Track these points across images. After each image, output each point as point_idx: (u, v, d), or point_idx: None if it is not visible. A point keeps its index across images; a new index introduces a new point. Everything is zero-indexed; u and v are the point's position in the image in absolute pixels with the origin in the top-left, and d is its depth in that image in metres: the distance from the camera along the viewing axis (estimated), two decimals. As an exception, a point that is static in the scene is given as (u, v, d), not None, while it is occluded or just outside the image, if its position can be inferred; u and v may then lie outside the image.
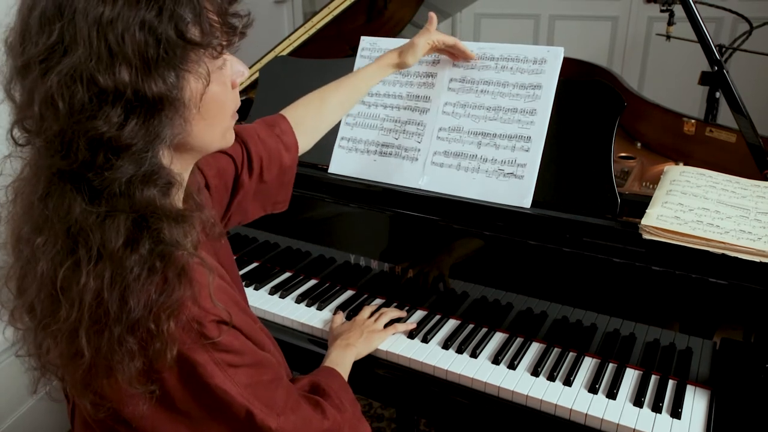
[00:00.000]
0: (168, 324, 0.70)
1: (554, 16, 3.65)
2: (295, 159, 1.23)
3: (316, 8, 3.43)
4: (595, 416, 1.15)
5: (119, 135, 0.66)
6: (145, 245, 0.69)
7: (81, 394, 0.74)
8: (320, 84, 1.31)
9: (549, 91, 1.31)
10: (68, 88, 0.65)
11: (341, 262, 1.54)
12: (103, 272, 0.68)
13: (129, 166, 0.68)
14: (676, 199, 1.22)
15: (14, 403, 1.96)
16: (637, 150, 1.74)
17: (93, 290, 0.68)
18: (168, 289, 0.70)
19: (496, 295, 1.36)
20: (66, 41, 0.65)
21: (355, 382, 1.18)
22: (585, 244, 1.23)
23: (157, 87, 0.67)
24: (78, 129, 0.66)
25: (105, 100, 0.65)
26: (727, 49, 2.20)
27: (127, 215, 0.69)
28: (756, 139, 1.37)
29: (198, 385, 0.77)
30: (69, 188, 0.69)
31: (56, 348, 0.71)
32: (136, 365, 0.70)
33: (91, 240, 0.68)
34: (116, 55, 0.65)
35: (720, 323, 1.16)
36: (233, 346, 0.79)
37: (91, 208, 0.68)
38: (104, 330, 0.68)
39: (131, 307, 0.68)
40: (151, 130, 0.68)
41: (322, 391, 1.02)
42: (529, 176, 1.29)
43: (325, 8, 1.81)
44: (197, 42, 0.70)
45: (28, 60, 0.66)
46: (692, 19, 1.41)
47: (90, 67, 0.64)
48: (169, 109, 0.69)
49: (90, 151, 0.67)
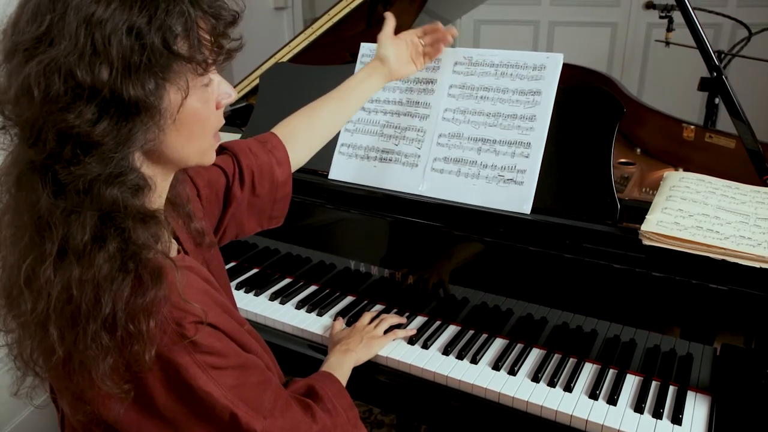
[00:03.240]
0: (146, 324, 0.70)
1: (554, 22, 3.66)
2: (289, 174, 1.22)
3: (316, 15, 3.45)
4: (595, 422, 1.14)
5: (90, 132, 0.67)
6: (113, 243, 0.69)
7: (60, 393, 0.74)
8: (320, 90, 1.32)
9: (548, 97, 1.31)
10: (45, 78, 0.66)
11: (341, 268, 1.54)
12: (70, 268, 0.68)
13: (95, 165, 0.68)
14: (676, 205, 1.22)
15: (14, 410, 1.96)
16: (637, 156, 1.74)
17: (60, 285, 0.67)
18: (143, 290, 0.70)
19: (497, 301, 1.36)
20: (53, 33, 0.66)
21: (355, 388, 1.18)
22: (585, 250, 1.23)
23: (134, 91, 0.68)
24: (49, 119, 0.66)
25: (80, 96, 0.66)
26: (726, 55, 2.21)
27: (93, 212, 0.69)
28: (755, 145, 1.37)
29: (181, 388, 0.76)
30: (38, 179, 0.69)
31: (32, 342, 0.70)
32: (110, 363, 0.70)
33: (55, 234, 0.67)
34: (99, 54, 0.66)
35: (720, 329, 1.16)
36: (215, 347, 0.79)
37: (56, 202, 0.68)
38: (77, 326, 0.68)
39: (103, 305, 0.68)
40: (123, 133, 0.69)
41: (316, 395, 1.01)
42: (529, 182, 1.29)
43: (325, 15, 1.82)
44: (182, 55, 0.71)
45: (14, 46, 0.68)
46: (691, 26, 1.41)
47: (71, 61, 0.65)
48: (145, 115, 0.70)
49: (58, 143, 0.67)
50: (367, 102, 1.50)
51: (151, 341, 0.71)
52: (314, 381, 1.06)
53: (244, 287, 1.57)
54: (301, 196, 1.34)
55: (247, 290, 1.56)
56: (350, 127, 1.51)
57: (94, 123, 0.67)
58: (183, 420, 0.79)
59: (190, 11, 0.71)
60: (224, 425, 0.81)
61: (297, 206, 1.30)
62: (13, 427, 1.95)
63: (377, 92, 1.49)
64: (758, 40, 2.27)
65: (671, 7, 2.12)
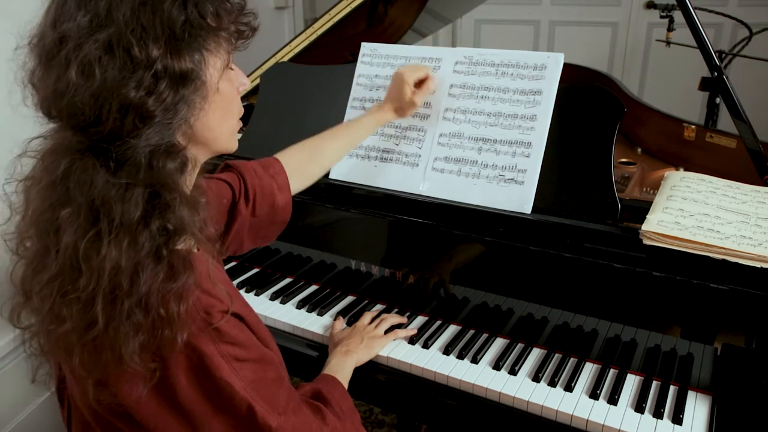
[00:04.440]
0: (177, 308, 0.73)
1: (554, 22, 3.66)
2: (289, 200, 1.25)
3: (316, 14, 3.45)
4: (596, 422, 1.14)
5: (146, 101, 0.72)
6: (156, 222, 0.74)
7: (87, 372, 0.75)
8: (321, 90, 1.32)
9: (549, 96, 1.31)
10: (105, 55, 0.71)
11: (342, 268, 1.54)
12: (122, 243, 0.72)
13: (154, 136, 0.74)
14: (677, 205, 1.22)
15: (17, 408, 1.96)
16: (638, 155, 1.74)
17: (112, 260, 0.71)
18: (175, 275, 0.74)
19: (497, 301, 1.36)
20: (102, 16, 0.72)
21: (355, 387, 1.18)
22: (586, 249, 1.23)
23: (183, 63, 0.74)
24: (110, 95, 0.71)
25: (136, 69, 0.71)
26: (726, 54, 2.21)
27: (144, 189, 0.74)
28: (756, 145, 1.37)
29: (203, 377, 0.78)
30: (92, 163, 0.73)
31: (71, 319, 0.73)
32: (140, 340, 0.73)
33: (113, 212, 0.72)
34: (149, 30, 0.72)
35: (721, 329, 1.16)
36: (239, 338, 0.81)
37: (114, 180, 0.73)
38: (117, 301, 0.72)
39: (141, 284, 0.72)
40: (175, 101, 0.75)
41: (324, 398, 1.02)
42: (530, 182, 1.29)
43: (325, 14, 1.82)
44: (216, 27, 0.78)
45: (64, 34, 0.72)
46: (692, 25, 1.41)
47: (125, 38, 0.71)
48: (192, 85, 0.76)
49: (120, 116, 0.72)
50: (368, 102, 1.50)
51: (181, 326, 0.74)
52: (320, 385, 1.07)
53: (244, 287, 1.57)
54: (301, 195, 1.34)
55: (248, 290, 1.56)
56: (351, 126, 1.51)
57: (149, 93, 0.72)
58: (200, 411, 0.80)
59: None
60: (240, 419, 0.82)
61: (298, 206, 1.30)
62: (13, 427, 1.95)
63: (377, 92, 1.50)
64: (759, 39, 2.27)
65: (672, 6, 2.12)
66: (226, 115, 0.86)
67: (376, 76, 1.51)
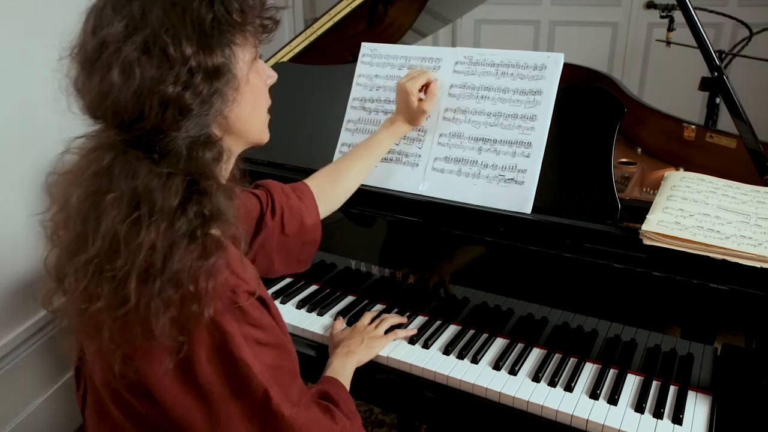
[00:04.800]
0: (206, 285, 0.77)
1: (554, 22, 3.65)
2: (317, 221, 1.28)
3: (316, 14, 3.45)
4: (596, 422, 1.14)
5: (183, 95, 0.77)
6: (193, 207, 0.79)
7: (116, 345, 0.78)
8: (321, 90, 1.32)
9: (549, 96, 1.31)
10: (144, 55, 0.76)
11: (342, 268, 1.54)
12: (160, 227, 0.76)
13: (193, 128, 0.79)
14: (677, 205, 1.22)
15: (17, 407, 1.96)
16: (638, 155, 1.74)
17: (150, 242, 0.76)
18: (206, 255, 0.78)
19: (497, 301, 1.36)
20: (137, 19, 0.77)
21: (356, 387, 1.18)
22: (586, 249, 1.23)
23: (215, 58, 0.80)
24: (150, 91, 0.76)
25: (172, 66, 0.77)
26: (726, 54, 2.21)
27: (183, 177, 0.79)
28: (756, 145, 1.37)
29: (224, 357, 0.81)
30: (135, 155, 0.78)
31: (104, 297, 0.77)
32: (171, 315, 0.77)
33: (154, 198, 0.77)
34: (180, 30, 0.77)
35: (721, 329, 1.16)
36: (261, 321, 0.85)
37: (157, 169, 0.78)
38: (150, 278, 0.76)
39: (173, 261, 0.76)
40: (208, 95, 0.80)
41: (332, 399, 1.04)
42: (530, 182, 1.29)
43: (325, 14, 1.82)
44: (243, 23, 0.83)
45: (103, 39, 0.77)
46: (692, 25, 1.41)
47: (160, 38, 0.76)
48: (223, 80, 0.81)
49: (161, 111, 0.77)
50: (368, 102, 1.50)
51: (208, 302, 0.78)
52: (326, 386, 1.08)
53: (244, 287, 1.57)
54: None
55: (248, 290, 1.56)
56: (351, 126, 1.51)
57: (186, 88, 0.77)
58: (217, 392, 0.82)
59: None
60: (255, 403, 0.84)
61: (297, 206, 1.30)
62: (13, 427, 1.95)
63: (377, 92, 1.49)
64: (759, 39, 2.27)
65: (672, 6, 2.12)
66: (257, 107, 0.92)
67: (376, 76, 1.51)
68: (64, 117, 0.85)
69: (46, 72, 0.87)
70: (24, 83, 1.76)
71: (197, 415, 0.83)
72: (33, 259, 1.95)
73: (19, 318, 1.94)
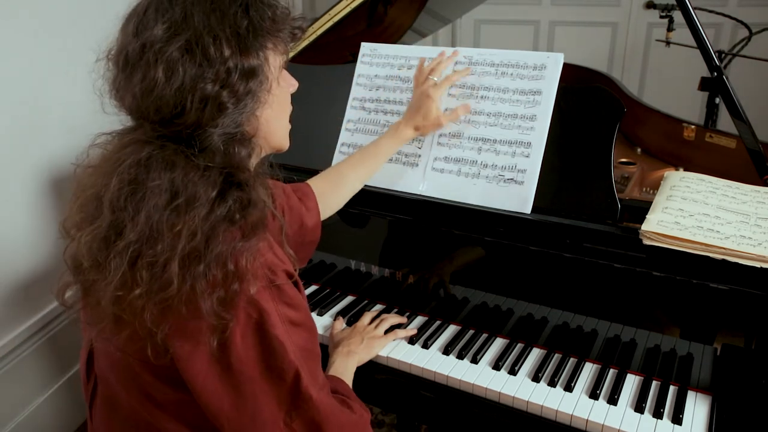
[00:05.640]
0: (246, 264, 0.81)
1: (554, 22, 3.65)
2: (317, 222, 1.29)
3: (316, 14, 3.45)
4: (596, 422, 1.14)
5: (221, 93, 0.82)
6: (232, 195, 0.83)
7: (157, 328, 0.81)
8: (321, 90, 1.32)
9: (549, 96, 1.31)
10: (185, 55, 0.81)
11: (341, 268, 1.54)
12: (199, 214, 0.80)
13: (228, 124, 0.84)
14: (677, 205, 1.22)
15: (17, 407, 1.96)
16: (637, 155, 1.74)
17: (190, 229, 0.79)
18: (247, 237, 0.83)
19: (497, 301, 1.36)
20: (179, 22, 0.82)
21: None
22: (585, 249, 1.23)
23: (250, 59, 0.85)
24: (191, 88, 0.81)
25: (212, 66, 0.82)
26: (726, 54, 2.21)
27: (221, 170, 0.83)
28: (756, 145, 1.37)
29: (259, 335, 0.84)
30: (173, 148, 0.83)
31: (146, 281, 0.79)
32: (219, 295, 0.80)
33: (193, 189, 0.81)
34: (220, 33, 0.83)
35: (721, 329, 1.16)
36: (296, 301, 0.89)
37: (195, 161, 0.82)
38: (193, 262, 0.79)
39: (215, 244, 0.80)
40: (243, 94, 0.85)
41: (344, 394, 1.06)
42: (530, 182, 1.29)
43: (325, 14, 1.82)
44: (273, 28, 0.88)
45: (146, 41, 0.82)
46: (691, 25, 1.41)
47: (201, 39, 0.82)
48: (256, 81, 0.86)
49: (201, 105, 0.82)
50: (368, 102, 1.50)
51: (249, 281, 0.82)
52: (334, 383, 1.10)
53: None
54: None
55: (248, 290, 1.56)
56: (350, 126, 1.51)
57: (224, 86, 0.83)
58: (249, 371, 0.84)
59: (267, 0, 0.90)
60: (286, 384, 0.87)
61: (297, 206, 1.30)
62: (14, 427, 1.95)
63: (377, 92, 1.49)
64: (759, 39, 2.27)
65: (672, 6, 2.12)
66: (282, 111, 0.98)
67: (376, 76, 1.51)
68: (64, 117, 0.87)
69: (46, 72, 0.88)
70: (24, 83, 1.77)
71: (226, 398, 0.85)
72: (33, 259, 1.95)
73: (19, 318, 1.94)
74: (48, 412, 2.06)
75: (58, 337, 2.08)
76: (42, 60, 1.82)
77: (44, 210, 1.96)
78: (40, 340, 2.01)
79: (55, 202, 1.99)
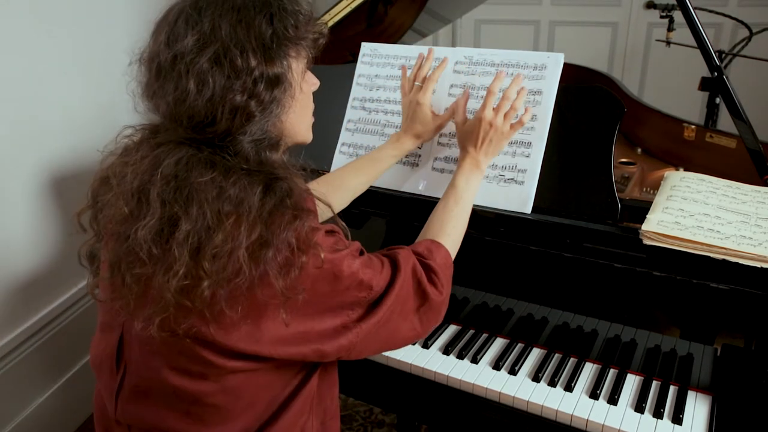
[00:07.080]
0: (308, 237, 0.87)
1: (554, 22, 3.65)
2: None
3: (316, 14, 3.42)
4: (596, 422, 1.14)
5: (249, 103, 0.87)
6: (277, 186, 0.88)
7: (229, 309, 0.85)
8: (321, 90, 1.32)
9: (549, 96, 1.31)
10: (217, 67, 0.86)
11: (342, 268, 1.53)
12: (252, 208, 0.85)
13: (256, 131, 0.90)
14: (677, 205, 1.22)
15: (17, 407, 1.96)
16: (638, 155, 1.74)
17: (248, 221, 0.84)
18: (300, 217, 0.88)
19: (497, 301, 1.36)
20: (208, 34, 0.86)
21: (355, 387, 1.18)
22: (586, 249, 1.23)
23: (275, 68, 0.89)
24: (222, 99, 0.86)
25: (239, 77, 0.86)
26: (726, 54, 2.21)
27: (258, 170, 0.88)
28: (756, 145, 1.37)
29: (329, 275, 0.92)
30: (208, 151, 0.88)
31: (216, 271, 0.83)
32: (294, 273, 0.86)
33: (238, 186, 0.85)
34: (246, 44, 0.87)
35: (721, 329, 1.16)
36: (346, 243, 0.98)
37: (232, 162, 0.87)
38: (260, 248, 0.84)
39: (276, 228, 0.85)
40: (269, 102, 0.90)
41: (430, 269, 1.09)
42: (530, 182, 1.29)
43: (325, 14, 1.82)
44: (297, 38, 0.93)
45: (177, 52, 0.87)
46: (692, 25, 1.41)
47: (230, 52, 0.86)
48: (281, 88, 0.91)
49: (231, 115, 0.87)
50: (368, 102, 1.50)
51: (314, 252, 0.88)
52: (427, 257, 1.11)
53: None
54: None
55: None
56: (351, 126, 1.51)
57: (251, 96, 0.88)
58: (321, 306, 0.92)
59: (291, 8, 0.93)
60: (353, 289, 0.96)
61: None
62: (14, 427, 1.95)
63: (377, 92, 1.49)
64: (759, 39, 2.27)
65: (672, 6, 2.12)
66: (305, 111, 1.03)
67: (376, 76, 1.51)
68: (64, 117, 0.87)
69: (47, 72, 0.88)
70: (24, 83, 1.77)
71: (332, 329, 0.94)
72: (33, 259, 1.95)
73: (19, 318, 1.94)
74: (48, 412, 2.06)
75: (58, 337, 2.08)
76: (42, 60, 1.83)
77: (44, 210, 1.96)
78: (40, 340, 2.01)
79: (55, 202, 1.99)
